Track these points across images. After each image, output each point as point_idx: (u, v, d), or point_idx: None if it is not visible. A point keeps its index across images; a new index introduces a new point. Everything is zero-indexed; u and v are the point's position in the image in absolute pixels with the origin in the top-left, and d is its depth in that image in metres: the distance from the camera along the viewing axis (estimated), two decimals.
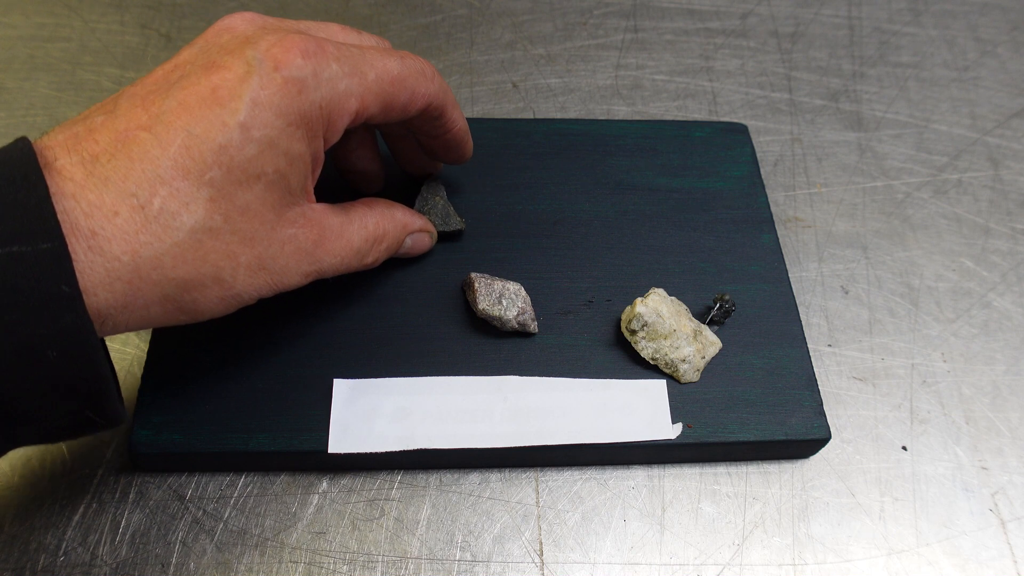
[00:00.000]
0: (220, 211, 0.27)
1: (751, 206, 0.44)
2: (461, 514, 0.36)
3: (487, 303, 0.37)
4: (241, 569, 0.34)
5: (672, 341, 0.37)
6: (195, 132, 0.26)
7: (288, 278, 0.30)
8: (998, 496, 0.38)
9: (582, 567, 0.35)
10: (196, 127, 0.26)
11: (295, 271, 0.30)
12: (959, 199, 0.49)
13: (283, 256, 0.30)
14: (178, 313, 0.28)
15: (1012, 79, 0.56)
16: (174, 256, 0.26)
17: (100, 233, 0.25)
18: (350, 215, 0.33)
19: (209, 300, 0.28)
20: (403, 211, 0.37)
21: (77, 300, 0.24)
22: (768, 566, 0.35)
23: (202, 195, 0.26)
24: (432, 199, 0.41)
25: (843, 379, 0.41)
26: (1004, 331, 0.44)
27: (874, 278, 0.45)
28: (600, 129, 0.47)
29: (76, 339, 0.24)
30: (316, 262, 0.31)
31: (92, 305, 0.25)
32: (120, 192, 0.25)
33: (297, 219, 0.30)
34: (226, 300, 0.29)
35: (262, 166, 0.28)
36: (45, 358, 0.24)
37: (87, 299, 0.25)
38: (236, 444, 0.35)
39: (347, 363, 0.37)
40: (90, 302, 0.25)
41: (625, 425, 0.36)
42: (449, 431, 0.35)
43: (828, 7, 0.60)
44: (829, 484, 0.38)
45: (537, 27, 0.57)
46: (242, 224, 0.28)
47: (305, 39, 0.29)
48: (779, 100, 0.54)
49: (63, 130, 0.27)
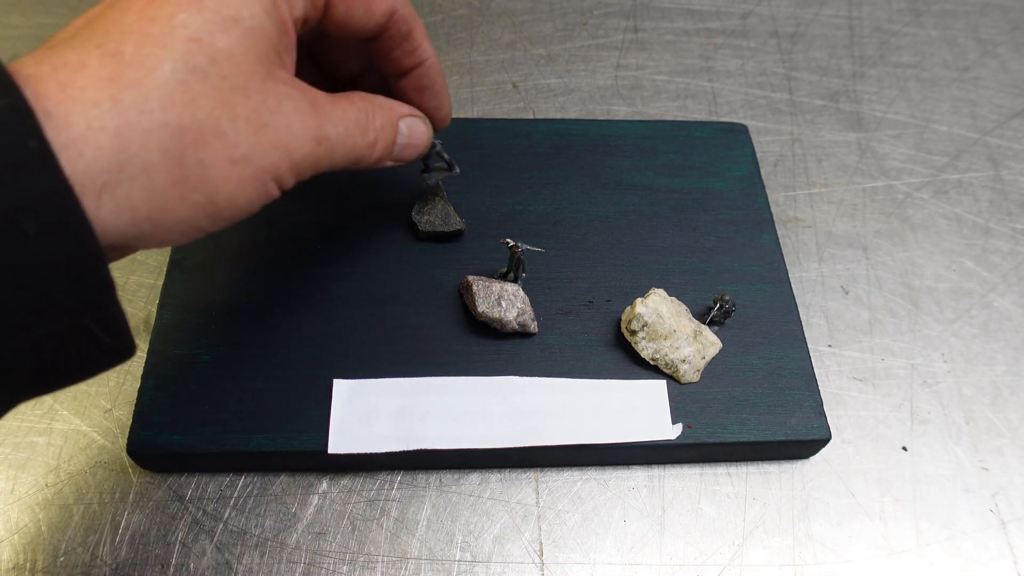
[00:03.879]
0: (202, 52, 0.25)
1: (751, 206, 0.44)
2: (461, 514, 0.36)
3: (486, 305, 0.37)
4: (241, 569, 0.34)
5: (672, 341, 0.37)
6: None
7: (295, 142, 0.28)
8: (998, 496, 0.38)
9: (582, 567, 0.35)
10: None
11: (301, 133, 0.28)
12: (959, 199, 0.49)
13: (283, 113, 0.27)
14: (189, 188, 0.25)
15: (1012, 79, 0.56)
16: (161, 98, 0.24)
17: (70, 84, 0.22)
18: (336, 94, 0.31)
19: (219, 162, 0.25)
20: (385, 98, 0.34)
21: (49, 156, 0.21)
22: (768, 566, 0.35)
23: (178, 35, 0.24)
24: (432, 199, 0.41)
25: (843, 379, 0.41)
26: (1004, 331, 0.43)
27: (874, 278, 0.45)
28: (600, 129, 0.47)
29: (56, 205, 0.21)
30: (320, 125, 0.29)
31: (78, 167, 0.22)
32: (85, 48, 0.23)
33: (287, 80, 0.28)
34: (237, 165, 0.26)
35: (235, 8, 0.26)
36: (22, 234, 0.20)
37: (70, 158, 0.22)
38: (236, 444, 0.35)
39: (347, 363, 0.37)
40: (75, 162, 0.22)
41: (625, 425, 0.36)
42: (449, 431, 0.35)
43: (828, 7, 0.60)
44: (829, 484, 0.38)
45: (537, 27, 0.57)
46: (229, 69, 0.25)
47: None
48: (779, 100, 0.54)
49: None
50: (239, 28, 0.26)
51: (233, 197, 0.26)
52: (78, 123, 0.22)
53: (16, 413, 0.37)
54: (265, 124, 0.27)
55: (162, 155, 0.24)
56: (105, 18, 0.25)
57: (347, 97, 0.31)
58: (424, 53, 0.35)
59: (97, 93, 0.23)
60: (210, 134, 0.25)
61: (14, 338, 0.22)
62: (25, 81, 0.22)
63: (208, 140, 0.25)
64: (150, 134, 0.23)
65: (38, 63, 0.23)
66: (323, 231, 0.41)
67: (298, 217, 0.42)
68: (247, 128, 0.26)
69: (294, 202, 0.42)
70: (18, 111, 0.21)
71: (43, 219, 0.21)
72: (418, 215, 0.41)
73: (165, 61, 0.24)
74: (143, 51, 0.24)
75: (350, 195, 0.43)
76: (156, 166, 0.24)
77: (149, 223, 0.24)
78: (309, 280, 0.39)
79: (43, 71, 0.23)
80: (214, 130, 0.25)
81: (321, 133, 0.29)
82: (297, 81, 0.29)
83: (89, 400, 0.38)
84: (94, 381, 0.38)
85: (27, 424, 0.37)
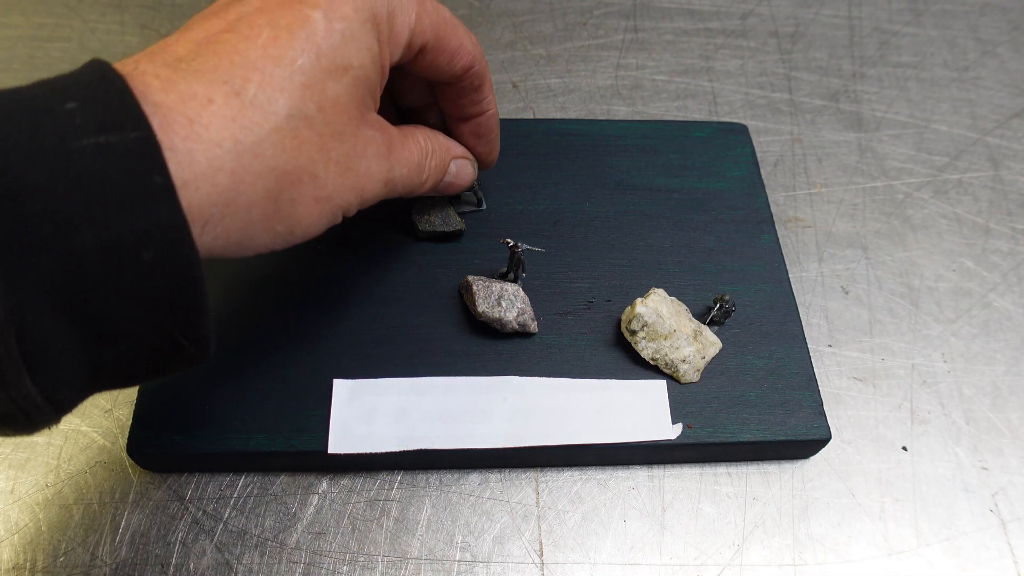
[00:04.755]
0: (313, 99, 0.27)
1: (751, 206, 0.44)
2: (461, 514, 0.36)
3: (486, 305, 0.37)
4: (241, 569, 0.34)
5: (672, 341, 0.37)
6: (280, 24, 0.26)
7: (370, 183, 0.30)
8: (998, 496, 0.38)
9: (582, 567, 0.35)
10: (280, 20, 0.26)
11: (376, 175, 0.31)
12: (959, 199, 0.49)
13: (366, 157, 0.30)
14: (277, 221, 0.27)
15: (1012, 79, 0.56)
16: (273, 143, 0.26)
17: (197, 120, 0.24)
18: (403, 129, 0.34)
19: (306, 201, 0.28)
20: (444, 136, 0.37)
21: (171, 192, 0.22)
22: (768, 566, 0.35)
23: (295, 80, 0.26)
24: (432, 199, 0.41)
25: (843, 379, 0.41)
26: (1004, 331, 0.44)
27: (874, 278, 0.45)
28: (600, 129, 0.47)
29: (171, 237, 0.22)
30: (390, 169, 0.32)
31: (193, 201, 0.23)
32: (212, 81, 0.25)
33: (375, 122, 0.31)
34: (320, 203, 0.28)
35: (348, 57, 0.28)
36: (138, 260, 0.22)
37: (188, 193, 0.23)
38: (236, 444, 0.35)
39: (347, 363, 0.37)
40: (191, 197, 0.23)
41: (625, 425, 0.36)
42: (449, 431, 0.35)
43: (828, 7, 0.60)
44: (829, 484, 0.38)
45: (537, 27, 0.57)
46: (333, 116, 0.28)
47: None
48: (779, 100, 0.54)
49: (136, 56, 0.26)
50: (348, 77, 0.28)
51: (309, 228, 0.29)
52: (200, 162, 0.24)
53: None
54: (351, 168, 0.29)
55: (264, 194, 0.26)
56: (228, 46, 0.26)
57: (413, 135, 0.34)
58: (488, 105, 0.37)
59: (220, 133, 0.24)
60: (306, 176, 0.27)
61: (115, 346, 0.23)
62: (154, 110, 0.23)
63: (304, 182, 0.27)
64: (259, 177, 0.25)
65: (166, 90, 0.24)
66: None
67: None
68: (336, 171, 0.28)
69: None
70: (148, 146, 0.22)
71: (158, 248, 0.22)
72: (418, 215, 0.41)
73: (282, 106, 0.26)
74: (264, 93, 0.25)
75: None
76: (257, 204, 0.26)
77: (236, 248, 0.26)
78: (309, 280, 0.39)
79: (171, 101, 0.24)
80: (310, 173, 0.27)
81: (390, 176, 0.32)
82: (381, 121, 0.31)
83: (89, 400, 0.37)
84: None
85: None
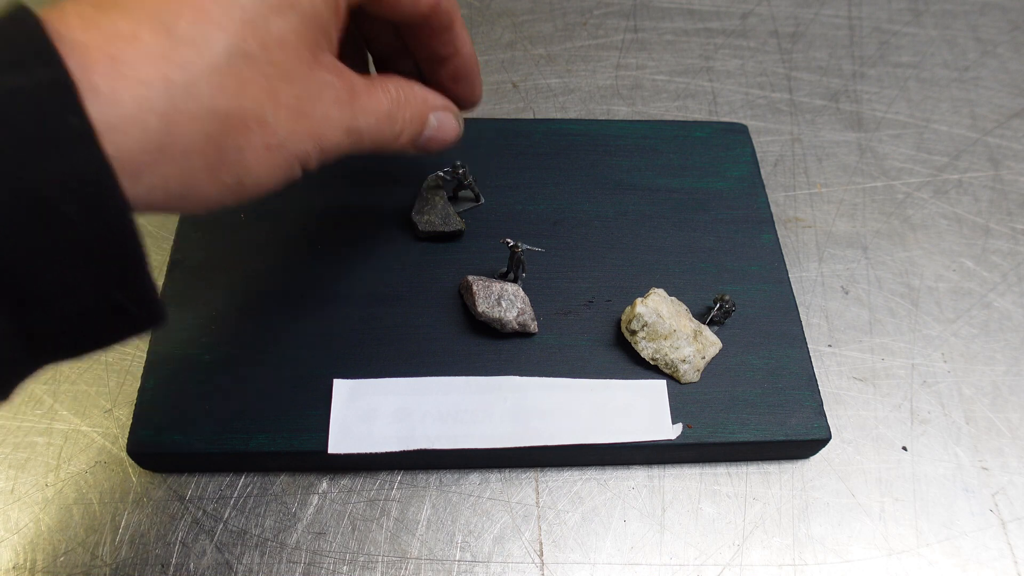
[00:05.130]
0: (255, 36, 0.25)
1: (751, 206, 0.44)
2: (461, 514, 0.36)
3: (486, 305, 0.37)
4: (241, 569, 0.34)
5: (672, 341, 0.37)
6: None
7: (328, 131, 0.28)
8: (998, 496, 0.38)
9: (582, 567, 0.35)
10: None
11: (335, 123, 0.28)
12: (959, 199, 0.49)
13: (322, 102, 0.28)
14: (223, 170, 0.25)
15: (1012, 79, 0.56)
16: (211, 83, 0.23)
17: (121, 59, 0.22)
18: (372, 79, 0.32)
19: (255, 148, 0.25)
20: (421, 86, 0.34)
21: (89, 136, 0.20)
22: (768, 566, 0.35)
23: (234, 16, 0.24)
24: (432, 199, 0.41)
25: (843, 379, 0.41)
26: (1004, 331, 0.43)
27: (874, 278, 0.45)
28: (600, 129, 0.47)
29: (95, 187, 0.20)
30: (353, 117, 0.29)
31: (122, 146, 0.21)
32: (140, 18, 0.23)
33: (331, 66, 0.28)
34: (272, 151, 0.26)
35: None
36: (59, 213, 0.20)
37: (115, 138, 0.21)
38: (236, 444, 0.35)
39: (347, 363, 0.37)
40: (119, 141, 0.21)
41: (625, 425, 0.36)
42: (449, 431, 0.35)
43: (828, 7, 0.60)
44: (829, 484, 0.38)
45: (537, 27, 0.57)
46: (279, 56, 0.26)
47: None
48: (779, 100, 0.54)
49: None
50: (294, 13, 0.26)
51: (261, 179, 0.26)
52: (127, 102, 0.22)
53: (16, 413, 0.37)
54: (304, 113, 0.27)
55: (204, 139, 0.24)
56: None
57: (382, 84, 0.31)
58: (461, 45, 0.35)
59: (148, 71, 0.22)
60: (252, 121, 0.25)
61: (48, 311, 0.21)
62: (72, 49, 0.21)
63: (250, 127, 0.25)
64: (196, 119, 0.23)
65: (86, 27, 0.22)
66: (323, 231, 0.41)
67: (298, 217, 0.42)
68: (287, 116, 0.26)
69: (295, 202, 0.42)
70: (60, 86, 0.20)
71: (82, 200, 0.20)
72: (418, 215, 0.41)
73: (219, 43, 0.24)
74: (198, 29, 0.23)
75: (350, 195, 0.43)
76: (196, 149, 0.24)
77: (178, 200, 0.24)
78: (309, 280, 0.39)
79: (92, 39, 0.22)
80: (257, 118, 0.25)
81: (353, 125, 0.29)
82: (339, 66, 0.29)
83: (89, 400, 0.38)
84: (94, 381, 0.38)
85: (27, 424, 0.37)
